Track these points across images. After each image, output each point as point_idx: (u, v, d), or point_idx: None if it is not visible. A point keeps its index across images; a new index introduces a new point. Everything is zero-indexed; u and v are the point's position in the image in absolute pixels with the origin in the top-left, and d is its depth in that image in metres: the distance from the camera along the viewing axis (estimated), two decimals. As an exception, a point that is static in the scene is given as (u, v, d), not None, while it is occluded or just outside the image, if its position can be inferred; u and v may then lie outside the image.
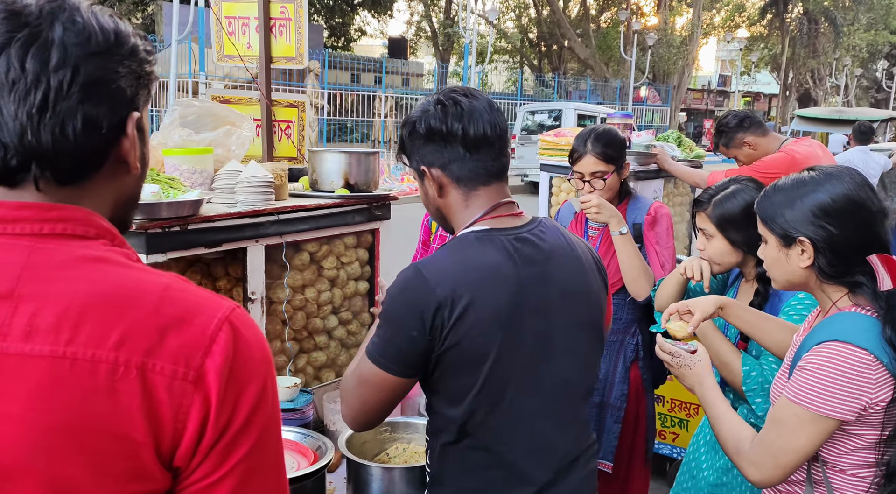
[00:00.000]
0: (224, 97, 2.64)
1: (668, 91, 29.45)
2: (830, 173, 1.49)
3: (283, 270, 2.21)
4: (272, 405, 0.81)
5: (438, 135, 1.36)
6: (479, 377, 1.30)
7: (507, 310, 1.30)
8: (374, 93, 20.17)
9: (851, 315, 1.43)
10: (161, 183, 1.86)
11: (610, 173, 2.57)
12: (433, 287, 1.27)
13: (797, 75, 36.74)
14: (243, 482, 0.78)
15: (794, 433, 1.40)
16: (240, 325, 0.79)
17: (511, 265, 1.32)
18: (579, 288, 1.42)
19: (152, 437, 0.73)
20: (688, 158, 4.23)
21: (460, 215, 1.41)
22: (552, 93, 26.96)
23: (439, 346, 1.28)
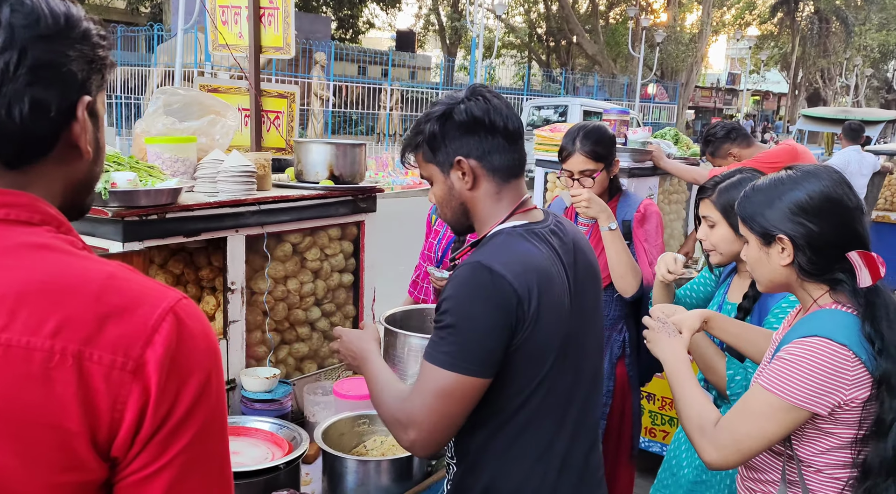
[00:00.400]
0: (212, 86, 2.63)
1: (676, 88, 29.30)
2: (808, 171, 1.49)
3: (265, 260, 2.20)
4: (216, 399, 0.80)
5: (481, 124, 1.37)
6: (544, 366, 1.34)
7: (565, 299, 1.36)
8: (380, 86, 20.14)
9: (831, 312, 1.43)
10: (140, 171, 1.85)
11: (599, 171, 2.56)
12: (510, 282, 1.27)
13: (807, 75, 36.52)
14: (182, 474, 0.77)
15: (764, 420, 1.40)
16: (185, 316, 0.78)
17: (557, 258, 1.37)
18: (596, 273, 1.52)
19: (88, 427, 0.72)
20: (684, 155, 4.20)
21: (490, 209, 1.42)
22: (559, 88, 26.87)
23: (519, 339, 1.29)
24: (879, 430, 1.37)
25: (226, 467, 0.84)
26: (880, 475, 1.36)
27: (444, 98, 1.44)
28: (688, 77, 29.18)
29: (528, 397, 1.34)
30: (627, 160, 3.68)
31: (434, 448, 1.32)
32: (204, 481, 0.80)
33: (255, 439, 1.92)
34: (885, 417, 1.36)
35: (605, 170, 2.59)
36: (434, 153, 1.41)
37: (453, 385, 1.26)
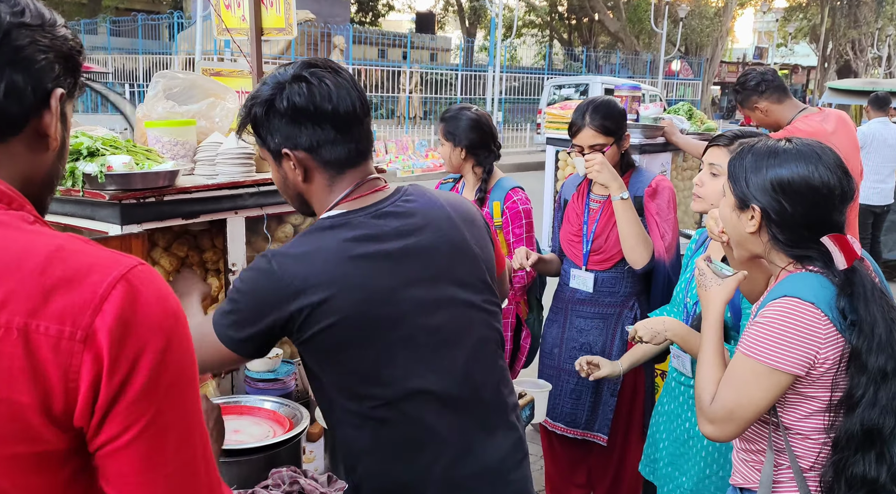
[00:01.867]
0: (214, 70, 2.64)
1: (701, 64, 28.78)
2: (802, 151, 1.48)
3: (266, 242, 2.22)
4: (181, 364, 0.80)
5: (305, 115, 1.26)
6: (365, 351, 1.29)
7: (375, 289, 1.28)
8: (400, 68, 20.09)
9: (801, 275, 1.46)
10: (136, 154, 1.87)
11: (609, 146, 2.55)
12: (280, 276, 1.26)
13: (837, 46, 35.59)
14: (155, 445, 0.78)
15: (750, 387, 1.41)
16: (138, 282, 0.78)
17: (372, 244, 1.29)
18: (464, 247, 1.40)
19: (39, 398, 0.73)
20: (698, 131, 4.14)
21: (323, 199, 1.35)
22: (581, 67, 26.55)
23: (302, 335, 1.28)
24: (848, 405, 1.37)
25: (201, 436, 0.84)
26: (848, 448, 1.37)
27: (270, 75, 1.32)
28: (713, 52, 28.62)
29: (365, 385, 1.30)
30: (639, 136, 3.63)
31: None
32: (178, 451, 0.80)
33: (256, 417, 1.95)
34: (854, 392, 1.36)
35: (616, 144, 2.57)
36: (262, 140, 1.34)
37: (212, 343, 1.31)
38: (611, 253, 2.62)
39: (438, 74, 21.18)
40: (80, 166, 1.76)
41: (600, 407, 2.69)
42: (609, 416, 2.67)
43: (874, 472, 1.34)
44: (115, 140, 1.88)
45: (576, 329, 2.71)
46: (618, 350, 2.64)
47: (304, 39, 17.42)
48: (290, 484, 1.72)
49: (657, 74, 23.86)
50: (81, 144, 1.78)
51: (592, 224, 2.66)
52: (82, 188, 1.79)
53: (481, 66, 23.49)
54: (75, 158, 1.78)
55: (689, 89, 28.78)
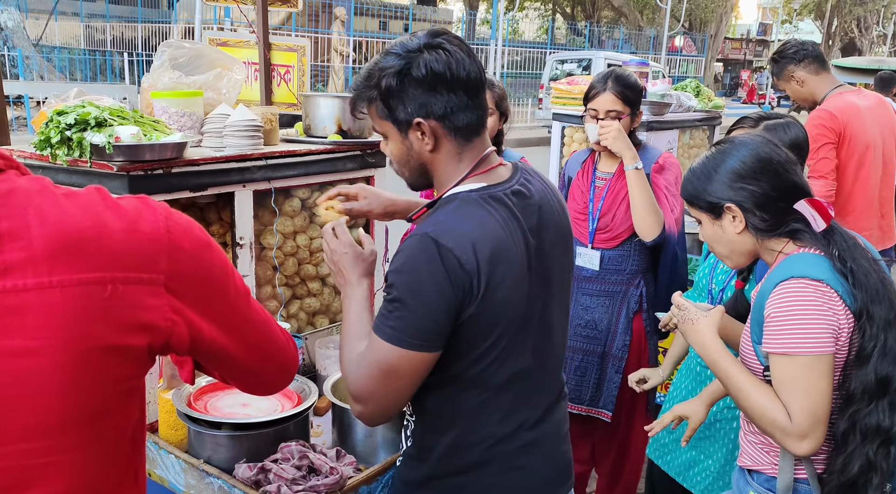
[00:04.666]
0: (220, 40, 2.60)
1: (705, 40, 28.48)
2: (734, 141, 1.56)
3: (273, 216, 2.21)
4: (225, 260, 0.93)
5: (442, 81, 1.24)
6: (500, 336, 1.29)
7: (523, 270, 1.29)
8: (401, 41, 19.84)
9: (799, 255, 1.47)
10: (144, 125, 1.84)
11: (624, 115, 2.52)
12: (458, 257, 1.20)
13: (842, 23, 35.22)
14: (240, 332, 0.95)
15: (812, 382, 1.39)
16: (175, 216, 0.87)
17: (516, 224, 1.29)
18: (565, 231, 1.43)
19: (148, 339, 0.82)
20: (706, 108, 4.10)
21: (450, 170, 1.32)
22: (584, 42, 26.27)
23: (468, 312, 1.24)
24: (860, 358, 1.39)
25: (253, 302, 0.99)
26: (863, 400, 1.38)
27: (396, 45, 1.28)
28: (717, 28, 28.33)
29: (486, 366, 1.30)
30: (647, 113, 3.60)
31: (381, 420, 1.33)
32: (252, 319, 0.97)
33: (265, 391, 1.95)
34: (866, 345, 1.38)
35: (630, 117, 2.55)
36: (390, 111, 1.29)
37: (399, 360, 1.23)
38: (618, 231, 2.60)
39: (440, 47, 20.89)
40: (87, 137, 1.74)
41: (605, 384, 2.69)
42: (614, 393, 2.67)
43: (888, 421, 1.37)
44: (123, 110, 1.86)
45: (581, 307, 2.70)
46: (623, 328, 2.64)
47: (305, 10, 17.20)
48: (299, 459, 1.72)
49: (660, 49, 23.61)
50: (89, 113, 1.76)
51: (598, 202, 2.64)
52: (90, 159, 1.77)
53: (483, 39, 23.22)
54: (82, 129, 1.76)
55: (692, 65, 28.52)
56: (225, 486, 1.68)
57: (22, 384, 0.74)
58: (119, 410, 0.84)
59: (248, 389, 1.07)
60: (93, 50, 19.28)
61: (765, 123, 2.02)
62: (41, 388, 0.75)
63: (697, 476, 2.05)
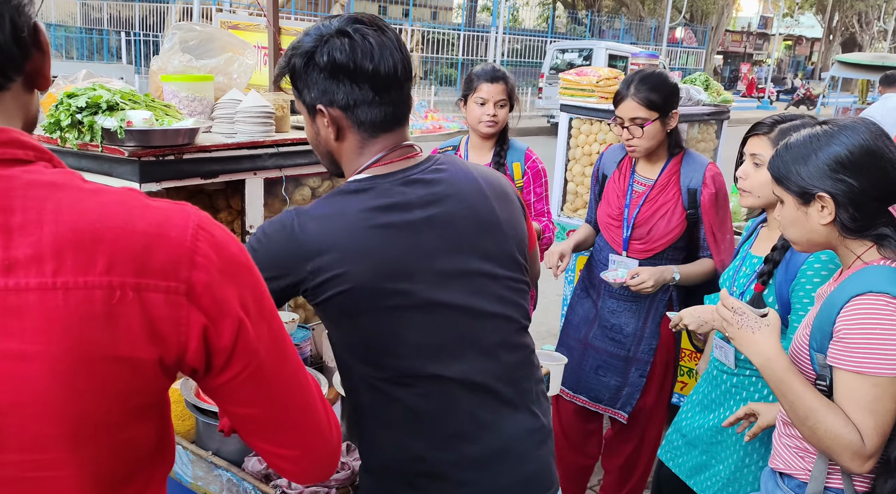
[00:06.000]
0: (231, 23, 2.55)
1: (706, 32, 28.40)
2: (844, 125, 1.43)
3: (284, 204, 2.17)
4: (264, 288, 0.85)
5: (344, 71, 1.20)
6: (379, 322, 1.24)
7: (393, 258, 1.23)
8: (400, 26, 19.73)
9: (881, 268, 1.38)
10: (155, 110, 1.80)
11: (650, 121, 2.39)
12: (298, 234, 1.22)
13: (843, 18, 35.16)
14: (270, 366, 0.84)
15: (883, 403, 1.34)
16: (210, 227, 0.80)
17: (397, 212, 1.24)
18: (488, 220, 1.33)
19: (157, 353, 0.75)
20: (714, 102, 4.07)
21: (353, 161, 1.30)
22: (585, 31, 26.15)
23: (316, 297, 1.23)
24: None
25: (286, 333, 0.90)
26: None
27: (315, 27, 1.25)
28: (718, 20, 28.25)
29: (383, 356, 1.25)
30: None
31: None
32: (284, 358, 0.87)
33: (274, 382, 1.92)
34: None
35: (660, 121, 2.41)
36: (299, 92, 1.27)
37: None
38: (654, 245, 2.51)
39: (440, 33, 20.80)
40: (98, 120, 1.70)
41: (626, 388, 2.64)
42: (636, 396, 2.62)
43: None
44: (135, 94, 1.81)
45: (608, 310, 2.64)
46: (650, 333, 2.58)
47: (305, -7, 17.03)
48: (310, 452, 1.71)
49: (661, 40, 23.54)
50: (101, 97, 1.71)
51: (634, 209, 2.53)
52: (101, 143, 1.73)
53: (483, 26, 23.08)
54: (94, 112, 1.72)
55: (692, 57, 28.45)
56: (234, 479, 1.66)
57: (18, 391, 0.70)
58: (127, 427, 0.78)
59: (274, 462, 0.91)
60: (89, 28, 19.09)
61: (779, 127, 1.96)
62: (38, 396, 0.70)
63: (707, 480, 2.03)
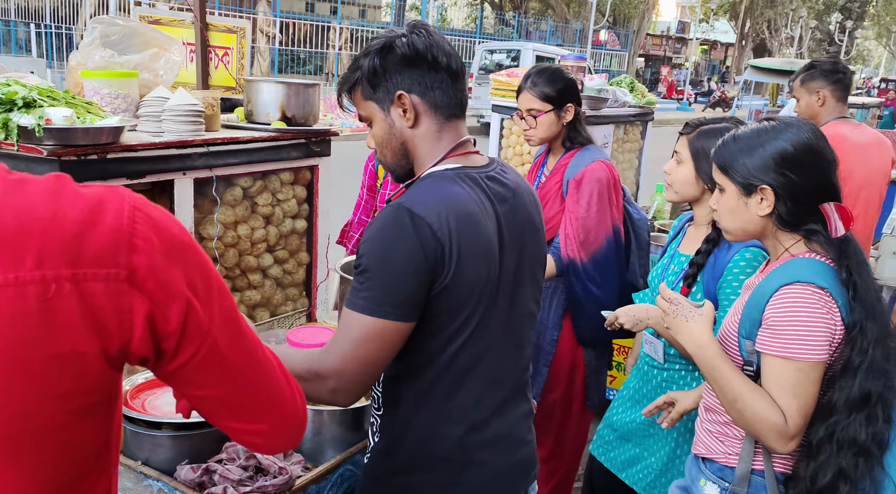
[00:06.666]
0: (153, 17, 2.46)
1: (628, 36, 29.24)
2: (790, 123, 1.50)
3: (214, 205, 2.11)
4: (210, 266, 0.82)
5: (423, 58, 1.30)
6: (471, 314, 1.29)
7: (493, 246, 1.31)
8: (328, 24, 19.50)
9: (808, 260, 1.46)
10: (76, 107, 1.72)
11: (544, 112, 2.50)
12: (430, 224, 1.21)
13: (754, 25, 36.88)
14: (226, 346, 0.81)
15: (806, 386, 1.41)
16: (146, 208, 0.77)
17: (489, 203, 1.32)
18: (538, 227, 1.46)
19: (99, 345, 0.72)
20: (639, 104, 4.20)
21: (429, 149, 1.35)
22: (512, 32, 26.49)
23: (439, 285, 1.24)
24: (847, 370, 1.41)
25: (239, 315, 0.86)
26: (843, 412, 1.41)
27: (383, 32, 1.36)
28: (639, 24, 29.12)
29: (449, 345, 1.31)
30: (584, 108, 3.64)
31: (357, 396, 1.27)
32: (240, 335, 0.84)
33: (206, 389, 1.87)
34: (854, 359, 1.40)
35: (554, 112, 2.51)
36: (374, 89, 1.34)
37: (374, 330, 1.22)
38: (547, 227, 2.56)
39: (369, 32, 20.66)
40: (14, 118, 1.61)
41: (537, 376, 2.71)
42: (541, 386, 2.69)
43: (863, 433, 1.40)
44: (53, 90, 1.73)
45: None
46: (553, 323, 2.65)
47: (229, -12, 16.59)
48: (245, 459, 1.66)
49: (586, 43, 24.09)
50: (16, 93, 1.62)
51: None
52: (17, 142, 1.64)
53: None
54: (8, 109, 1.62)
55: (615, 60, 29.25)
56: (165, 488, 1.61)
57: None
58: (71, 428, 0.74)
59: (242, 438, 0.90)
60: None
61: (700, 128, 2.04)
62: None
63: (640, 473, 2.09)
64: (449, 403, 1.35)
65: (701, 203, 2.06)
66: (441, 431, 1.36)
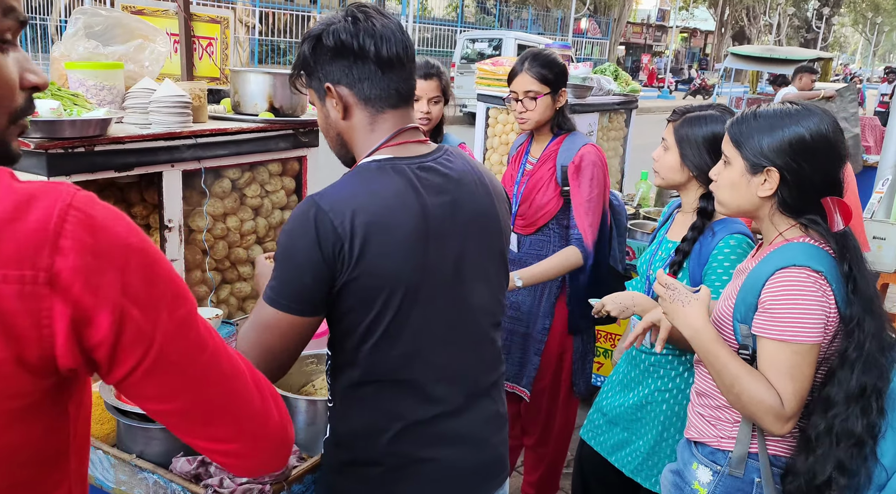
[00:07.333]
0: (136, 8, 2.43)
1: (609, 24, 29.28)
2: (813, 111, 1.49)
3: (203, 197, 2.10)
4: (167, 275, 0.75)
5: (349, 50, 1.26)
6: (383, 308, 1.26)
7: (412, 240, 1.26)
8: (308, 13, 19.32)
9: (802, 244, 1.48)
10: (63, 99, 1.70)
11: (542, 95, 2.52)
12: (332, 220, 1.20)
13: (733, 12, 37.08)
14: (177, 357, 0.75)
15: (803, 369, 1.43)
16: (86, 208, 0.70)
17: (414, 195, 1.28)
18: (489, 215, 1.40)
19: (12, 350, 0.67)
20: (623, 92, 4.21)
21: (363, 140, 1.33)
22: (493, 21, 26.43)
23: (341, 279, 1.23)
24: (843, 363, 1.43)
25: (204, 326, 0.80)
26: (842, 405, 1.43)
27: (323, 18, 1.33)
28: (620, 12, 29.16)
29: (368, 338, 1.29)
30: (569, 96, 3.65)
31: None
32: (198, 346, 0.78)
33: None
34: (850, 352, 1.42)
35: (551, 96, 2.54)
36: (309, 78, 1.33)
37: (271, 320, 1.24)
38: (532, 219, 2.62)
39: (349, 21, 20.47)
40: (-1, 111, 1.58)
41: (527, 365, 2.74)
42: (532, 374, 2.71)
43: (860, 425, 1.42)
44: (38, 83, 1.70)
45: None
46: (544, 312, 2.67)
47: (207, -23, 16.39)
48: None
49: (567, 31, 24.11)
50: (1, 86, 1.60)
51: (522, 186, 2.64)
52: (3, 136, 1.61)
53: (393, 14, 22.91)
54: (-7, 102, 1.60)
55: (596, 48, 29.29)
56: (161, 481, 1.60)
57: None
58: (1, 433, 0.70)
59: (215, 457, 0.84)
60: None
61: (686, 116, 2.06)
62: None
63: (628, 456, 2.12)
64: (385, 399, 1.33)
65: (687, 190, 2.08)
66: (380, 427, 1.34)
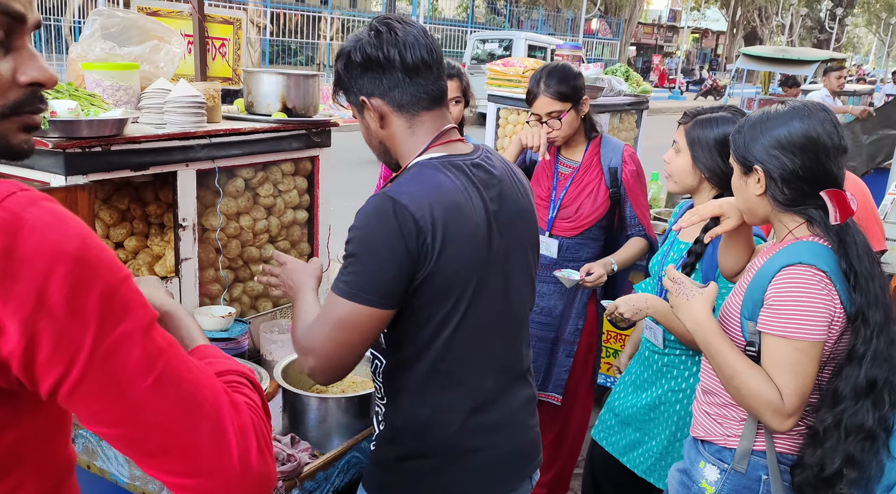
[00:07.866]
0: (151, 9, 2.45)
1: (620, 24, 29.19)
2: (797, 109, 1.53)
3: (217, 196, 2.12)
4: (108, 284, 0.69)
5: (376, 62, 1.33)
6: (458, 299, 1.32)
7: (480, 233, 1.33)
8: (319, 14, 19.38)
9: (808, 243, 1.50)
10: (80, 99, 1.73)
11: (566, 112, 2.51)
12: (412, 213, 1.24)
13: (745, 13, 36.88)
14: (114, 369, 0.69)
15: (805, 365, 1.44)
16: (19, 210, 0.66)
17: (475, 190, 1.34)
18: (527, 210, 1.48)
19: None
20: (634, 92, 4.21)
21: (407, 144, 1.38)
22: (504, 21, 26.42)
23: (423, 272, 1.27)
24: (851, 359, 1.45)
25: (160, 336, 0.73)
26: (850, 399, 1.44)
27: (354, 33, 1.41)
28: (631, 13, 29.07)
29: (441, 331, 1.33)
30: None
31: (333, 376, 1.32)
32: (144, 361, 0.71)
33: (213, 378, 1.88)
34: (859, 347, 1.44)
35: (574, 109, 2.54)
36: (346, 94, 1.41)
37: (351, 314, 1.26)
38: (581, 222, 2.62)
39: (360, 21, 20.57)
40: (19, 111, 1.61)
41: (555, 369, 2.72)
42: (563, 377, 2.70)
43: (871, 419, 1.43)
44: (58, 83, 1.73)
45: (538, 294, 2.70)
46: (577, 313, 2.67)
47: (219, -22, 16.47)
48: (254, 446, 1.68)
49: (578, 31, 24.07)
50: (20, 86, 1.62)
51: (561, 190, 2.63)
52: (22, 135, 1.64)
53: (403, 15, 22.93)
54: (13, 102, 1.63)
55: (607, 49, 29.22)
56: (175, 477, 1.63)
57: None
58: None
59: (173, 490, 0.76)
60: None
61: (696, 118, 2.07)
62: None
63: (640, 456, 2.12)
64: (447, 391, 1.38)
65: (700, 192, 2.08)
66: (441, 419, 1.39)
